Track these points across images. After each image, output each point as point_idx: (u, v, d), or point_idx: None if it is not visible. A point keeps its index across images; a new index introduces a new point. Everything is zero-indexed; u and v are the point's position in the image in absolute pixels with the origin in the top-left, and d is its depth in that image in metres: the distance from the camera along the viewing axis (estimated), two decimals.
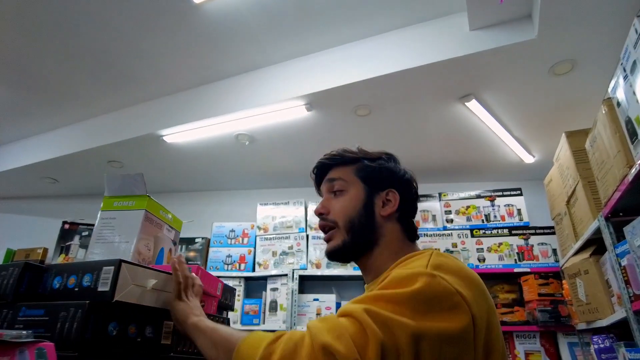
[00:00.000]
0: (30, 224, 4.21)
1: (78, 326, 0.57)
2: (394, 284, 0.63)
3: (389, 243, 0.83)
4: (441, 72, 2.29)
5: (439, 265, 0.66)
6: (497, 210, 3.22)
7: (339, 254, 0.85)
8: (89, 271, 0.63)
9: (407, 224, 0.86)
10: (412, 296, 0.60)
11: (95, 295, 0.60)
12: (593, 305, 2.11)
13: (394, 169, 0.89)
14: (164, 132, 2.94)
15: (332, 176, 0.89)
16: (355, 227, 0.83)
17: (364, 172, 0.87)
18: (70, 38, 2.40)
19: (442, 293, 0.61)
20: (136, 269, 0.65)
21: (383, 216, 0.84)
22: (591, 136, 1.88)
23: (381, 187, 0.86)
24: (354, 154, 0.90)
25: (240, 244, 3.45)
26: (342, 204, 0.85)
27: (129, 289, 0.62)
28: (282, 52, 2.57)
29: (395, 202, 0.84)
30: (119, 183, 1.00)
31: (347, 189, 0.86)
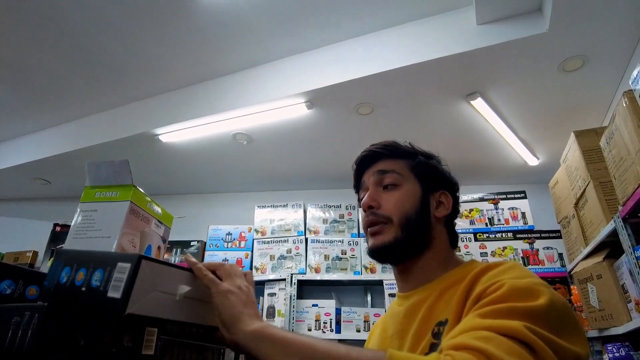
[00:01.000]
0: (20, 226, 4.09)
1: (33, 334, 0.46)
2: (515, 295, 0.53)
3: (440, 248, 0.78)
4: (447, 69, 2.20)
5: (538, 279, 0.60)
6: (501, 213, 3.13)
7: (386, 250, 0.77)
8: (101, 266, 0.50)
9: (451, 229, 0.82)
10: (548, 312, 0.52)
11: (104, 302, 0.47)
12: (607, 312, 2.02)
13: (445, 170, 0.85)
14: (159, 131, 2.84)
15: (384, 168, 0.82)
16: (412, 224, 0.76)
17: (419, 169, 0.82)
18: (63, 35, 2.32)
19: (568, 309, 0.55)
20: (162, 269, 0.50)
21: (437, 217, 0.79)
22: (607, 132, 1.79)
23: (435, 188, 0.81)
24: (410, 148, 0.85)
25: (237, 248, 3.34)
26: (397, 199, 0.79)
27: (149, 297, 0.48)
28: (282, 48, 2.48)
29: (449, 205, 0.81)
30: (102, 171, 0.89)
31: (402, 183, 0.80)
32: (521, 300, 0.53)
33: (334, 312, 2.96)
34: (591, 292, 2.16)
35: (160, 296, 0.50)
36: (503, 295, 0.54)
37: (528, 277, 0.58)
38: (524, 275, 0.59)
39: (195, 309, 0.56)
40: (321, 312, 2.98)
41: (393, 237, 0.76)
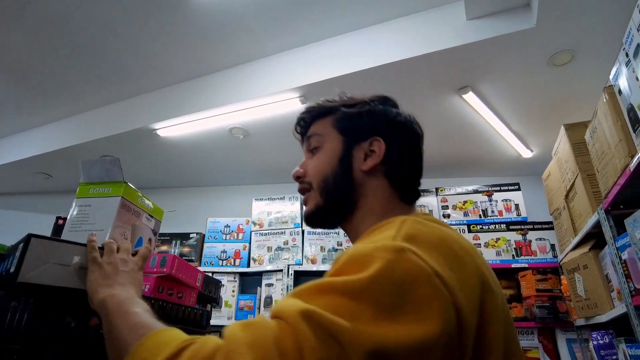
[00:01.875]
0: (23, 219, 4.16)
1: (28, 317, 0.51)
2: (351, 264, 0.47)
3: (373, 204, 0.68)
4: (437, 63, 2.24)
5: (412, 236, 0.49)
6: (495, 205, 3.18)
7: (312, 218, 0.72)
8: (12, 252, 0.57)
9: (399, 180, 0.70)
10: (370, 284, 0.43)
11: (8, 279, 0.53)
12: (592, 301, 2.07)
13: (381, 112, 0.73)
14: (157, 125, 2.89)
15: (310, 132, 0.76)
16: (330, 186, 0.69)
17: (341, 122, 0.73)
18: (61, 31, 2.36)
19: (413, 275, 0.44)
20: (53, 245, 0.57)
21: (364, 171, 0.69)
22: (591, 127, 1.83)
23: (363, 137, 0.71)
24: (332, 102, 0.76)
25: (235, 240, 3.41)
26: (316, 162, 0.73)
27: (42, 269, 0.55)
28: (276, 43, 2.52)
29: (380, 152, 0.69)
30: (94, 168, 0.95)
31: (323, 144, 0.73)
32: (350, 271, 0.45)
33: None
34: (578, 281, 2.21)
35: (55, 267, 0.57)
36: (338, 268, 0.48)
37: (387, 238, 0.50)
38: (379, 239, 0.51)
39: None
40: None
41: (314, 205, 0.71)
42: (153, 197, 0.99)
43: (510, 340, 0.52)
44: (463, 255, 0.51)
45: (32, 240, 0.56)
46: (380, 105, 0.75)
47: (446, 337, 0.42)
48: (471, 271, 0.50)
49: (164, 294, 0.88)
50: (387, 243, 0.47)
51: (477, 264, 0.52)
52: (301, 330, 0.40)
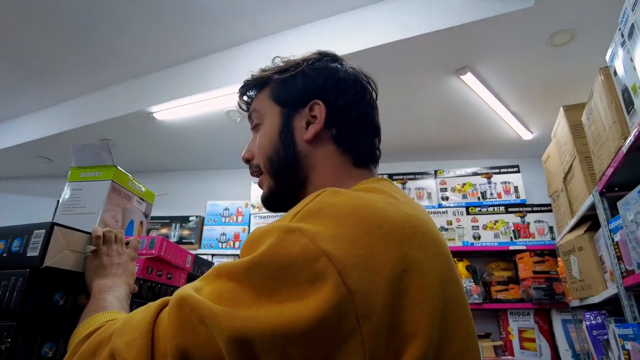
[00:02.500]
0: (25, 203, 4.20)
1: (17, 295, 0.53)
2: (245, 247, 0.46)
3: (325, 176, 0.61)
4: (435, 44, 2.20)
5: (314, 211, 0.45)
6: (494, 187, 3.19)
7: (269, 203, 0.67)
8: (19, 235, 0.59)
9: (350, 143, 0.62)
10: (251, 268, 0.42)
11: (23, 261, 0.56)
12: (586, 282, 2.09)
13: (317, 72, 0.65)
14: (154, 108, 2.88)
15: (250, 109, 0.70)
16: (275, 166, 0.63)
17: (275, 91, 0.66)
18: (56, 13, 2.33)
19: (293, 258, 0.41)
20: (72, 233, 0.61)
21: (307, 141, 0.62)
22: (587, 108, 1.82)
23: (301, 103, 0.63)
24: (265, 73, 0.68)
25: (234, 222, 3.44)
26: (258, 142, 0.66)
27: (62, 255, 0.58)
28: (271, 24, 2.48)
29: (321, 116, 0.62)
30: (85, 153, 0.96)
31: (262, 119, 0.67)
32: (244, 254, 0.45)
33: None
34: (573, 263, 2.23)
35: (71, 254, 0.62)
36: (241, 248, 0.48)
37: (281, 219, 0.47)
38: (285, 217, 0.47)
39: None
40: None
41: (267, 188, 0.66)
42: (152, 180, 1.01)
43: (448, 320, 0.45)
44: (380, 228, 0.44)
45: (55, 228, 0.60)
46: (317, 62, 0.67)
47: (326, 320, 0.38)
48: (388, 247, 0.43)
49: (153, 275, 0.90)
50: (280, 224, 0.44)
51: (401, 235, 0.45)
52: (172, 314, 0.43)
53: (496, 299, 2.83)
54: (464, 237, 3.03)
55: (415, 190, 3.24)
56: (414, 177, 3.29)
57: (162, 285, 0.91)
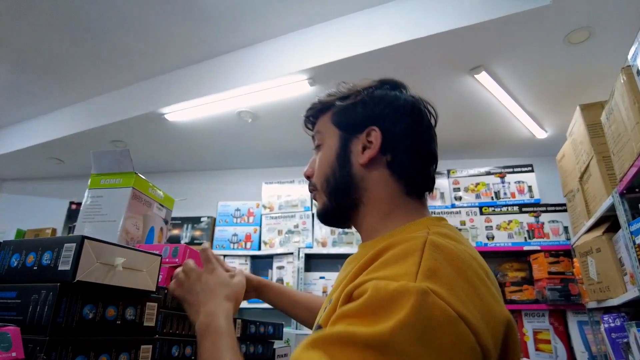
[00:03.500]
0: (39, 204, 4.25)
1: (49, 309, 0.53)
2: (369, 308, 0.44)
3: (377, 200, 0.66)
4: (449, 43, 2.18)
5: (433, 271, 0.46)
6: (508, 187, 3.15)
7: (323, 218, 0.72)
8: (49, 248, 0.59)
9: (403, 171, 0.65)
10: (394, 336, 0.41)
11: (55, 275, 0.56)
12: (604, 284, 2.06)
13: (376, 99, 0.69)
14: (165, 110, 2.89)
15: (314, 130, 0.75)
16: (331, 185, 0.68)
17: (337, 116, 0.71)
18: (68, 16, 2.34)
19: (437, 322, 0.42)
20: (102, 246, 0.60)
21: (362, 165, 0.66)
22: (607, 108, 1.79)
23: (359, 128, 0.67)
24: (330, 97, 0.74)
25: (246, 223, 3.44)
26: (318, 162, 0.72)
27: (93, 268, 0.58)
28: (283, 24, 2.47)
29: (377, 142, 0.65)
30: (105, 160, 0.96)
31: (324, 141, 0.72)
32: (371, 317, 0.43)
33: None
34: (590, 265, 2.19)
35: (101, 267, 0.61)
36: (357, 308, 0.45)
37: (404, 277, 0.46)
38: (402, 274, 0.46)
39: (130, 277, 0.67)
40: (328, 284, 3.08)
41: (322, 205, 0.71)
42: (164, 181, 1.00)
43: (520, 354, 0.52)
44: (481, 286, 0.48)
45: (86, 242, 0.59)
46: (377, 90, 0.71)
47: None
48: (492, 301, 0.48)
49: None
50: (410, 286, 0.44)
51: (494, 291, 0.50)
52: None
53: (510, 300, 2.80)
54: (477, 238, 3.00)
55: None
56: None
57: None
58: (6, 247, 0.63)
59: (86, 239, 0.57)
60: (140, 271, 0.66)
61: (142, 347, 0.65)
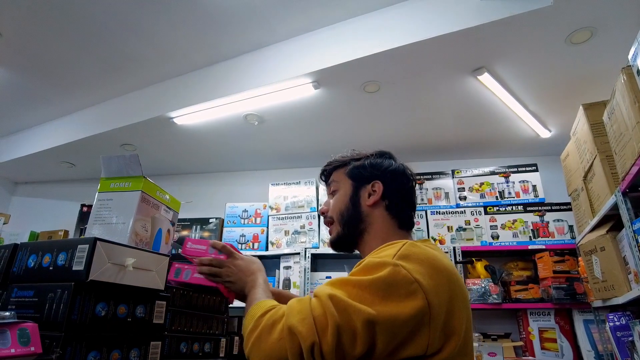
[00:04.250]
0: (51, 207, 4.34)
1: (64, 307, 0.57)
2: (363, 270, 0.72)
3: (378, 231, 0.93)
4: (452, 45, 2.20)
5: (405, 255, 0.73)
6: (512, 186, 3.15)
7: (336, 244, 0.98)
8: (64, 249, 0.63)
9: (396, 212, 0.95)
10: (373, 283, 0.69)
11: (69, 275, 0.60)
12: (609, 283, 2.06)
13: (379, 163, 0.99)
14: (173, 114, 2.94)
15: (330, 180, 1.04)
16: (345, 219, 0.96)
17: (351, 171, 1.00)
18: (77, 22, 2.40)
19: (401, 281, 0.68)
20: (113, 247, 0.64)
21: (369, 206, 0.95)
22: (609, 107, 1.79)
23: (366, 181, 0.97)
24: (345, 157, 1.04)
25: (253, 224, 3.48)
26: (335, 202, 1.00)
27: (105, 268, 0.62)
28: (287, 28, 2.51)
29: (379, 192, 0.95)
30: (115, 164, 1.00)
31: (339, 188, 1.01)
32: (363, 273, 0.72)
33: None
34: (595, 263, 2.20)
35: (112, 267, 0.65)
36: (353, 272, 0.74)
37: (386, 257, 0.73)
38: (385, 255, 0.75)
39: (140, 276, 0.71)
40: None
41: (336, 233, 0.98)
42: (173, 183, 1.05)
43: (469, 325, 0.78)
44: (442, 271, 0.75)
45: (98, 243, 0.64)
46: (379, 158, 1.01)
47: (415, 318, 0.67)
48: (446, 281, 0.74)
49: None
50: (388, 259, 0.72)
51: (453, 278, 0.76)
52: (326, 304, 0.67)
53: (515, 299, 2.81)
54: (482, 237, 3.01)
55: (433, 191, 3.23)
56: (431, 177, 3.29)
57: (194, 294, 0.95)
58: (23, 248, 0.67)
59: (98, 241, 0.61)
60: (150, 271, 0.70)
61: (152, 344, 0.69)
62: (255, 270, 0.97)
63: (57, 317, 0.57)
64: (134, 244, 0.92)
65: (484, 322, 2.93)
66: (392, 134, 3.24)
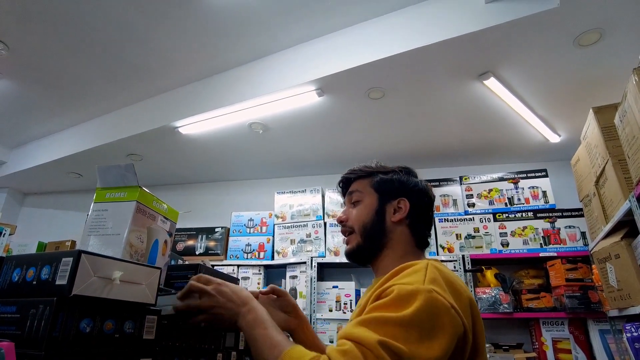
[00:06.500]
0: (59, 217, 4.36)
1: (45, 324, 0.54)
2: (396, 301, 0.69)
3: (397, 247, 0.93)
4: (457, 49, 2.17)
5: (434, 279, 0.73)
6: (522, 192, 3.09)
7: (354, 255, 0.96)
8: (48, 263, 0.60)
9: (416, 231, 0.95)
10: (414, 317, 0.66)
11: (52, 289, 0.57)
12: (625, 292, 1.99)
13: (406, 180, 0.98)
14: (178, 123, 2.94)
15: (352, 189, 1.01)
16: (368, 231, 0.94)
17: (377, 184, 0.98)
18: (82, 34, 2.42)
19: (441, 309, 0.68)
20: (99, 260, 0.61)
21: (393, 222, 0.94)
22: (620, 110, 1.74)
23: (393, 196, 0.96)
24: (371, 168, 1.01)
25: (259, 233, 3.45)
26: (358, 212, 0.97)
27: (90, 282, 0.59)
28: (290, 36, 2.50)
29: (405, 209, 0.94)
30: (110, 174, 0.98)
31: (363, 199, 0.98)
32: (397, 307, 0.68)
33: (354, 293, 3.03)
34: (610, 271, 2.13)
35: (99, 281, 0.62)
36: (386, 302, 0.70)
37: (417, 283, 0.72)
38: (415, 280, 0.73)
39: (129, 290, 0.67)
40: (341, 293, 3.06)
41: (356, 244, 0.95)
42: (179, 193, 1.03)
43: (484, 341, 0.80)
44: (462, 289, 0.76)
45: (82, 256, 0.60)
46: (405, 174, 1.00)
47: (459, 342, 0.70)
48: (465, 298, 0.75)
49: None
50: (420, 287, 0.70)
51: (469, 293, 0.78)
52: (381, 355, 0.62)
53: (527, 308, 2.73)
54: (491, 245, 2.95)
55: (441, 198, 3.18)
56: (439, 184, 3.23)
57: None
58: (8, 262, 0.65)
59: (83, 253, 0.59)
60: (139, 284, 0.67)
61: None
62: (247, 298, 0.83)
63: (37, 335, 0.54)
64: (129, 255, 0.89)
65: (495, 332, 2.85)
66: (398, 141, 3.21)
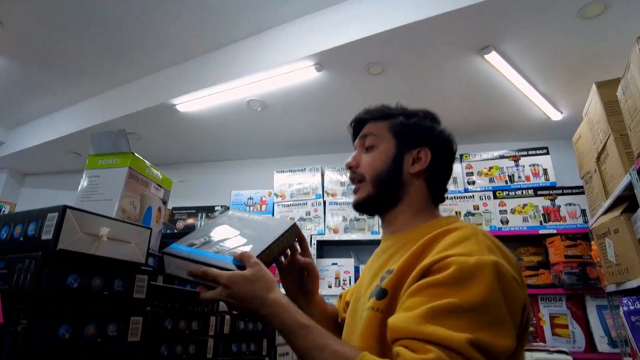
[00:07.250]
0: (59, 198, 4.36)
1: (31, 278, 0.54)
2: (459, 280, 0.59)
3: (413, 201, 0.83)
4: (457, 22, 2.12)
5: (490, 248, 0.65)
6: (522, 170, 3.07)
7: (362, 206, 0.86)
8: (34, 219, 0.60)
9: (434, 185, 0.85)
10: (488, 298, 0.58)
11: (38, 244, 0.57)
12: (623, 266, 1.99)
13: (430, 127, 0.86)
14: (176, 101, 2.92)
15: (365, 132, 0.89)
16: (382, 181, 0.83)
17: (397, 128, 0.86)
18: (78, 10, 2.38)
19: (511, 283, 0.61)
20: (86, 216, 0.60)
21: (411, 174, 0.83)
22: (623, 82, 1.71)
23: (413, 145, 0.84)
24: (391, 110, 0.89)
25: (258, 211, 3.45)
26: (371, 158, 0.85)
27: (76, 237, 0.58)
28: (288, 10, 2.45)
29: (426, 160, 0.83)
30: (103, 140, 0.97)
31: (378, 144, 0.86)
32: (464, 286, 0.58)
33: (353, 270, 3.05)
34: (608, 246, 2.13)
35: (85, 237, 0.61)
36: (448, 280, 0.59)
37: (476, 253, 0.62)
38: (473, 250, 0.63)
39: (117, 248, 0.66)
40: (340, 270, 3.08)
41: (366, 194, 0.84)
42: (178, 172, 1.02)
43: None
44: (510, 254, 0.68)
45: (68, 211, 0.59)
46: (429, 120, 0.87)
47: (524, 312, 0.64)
48: (516, 267, 0.66)
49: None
50: (485, 258, 0.61)
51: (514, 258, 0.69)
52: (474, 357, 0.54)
53: (526, 285, 2.74)
54: (491, 222, 2.95)
55: None
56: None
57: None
58: None
59: (69, 209, 0.58)
60: (129, 243, 0.67)
61: (132, 319, 0.66)
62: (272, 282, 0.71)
63: (23, 289, 0.54)
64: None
65: None
66: None
